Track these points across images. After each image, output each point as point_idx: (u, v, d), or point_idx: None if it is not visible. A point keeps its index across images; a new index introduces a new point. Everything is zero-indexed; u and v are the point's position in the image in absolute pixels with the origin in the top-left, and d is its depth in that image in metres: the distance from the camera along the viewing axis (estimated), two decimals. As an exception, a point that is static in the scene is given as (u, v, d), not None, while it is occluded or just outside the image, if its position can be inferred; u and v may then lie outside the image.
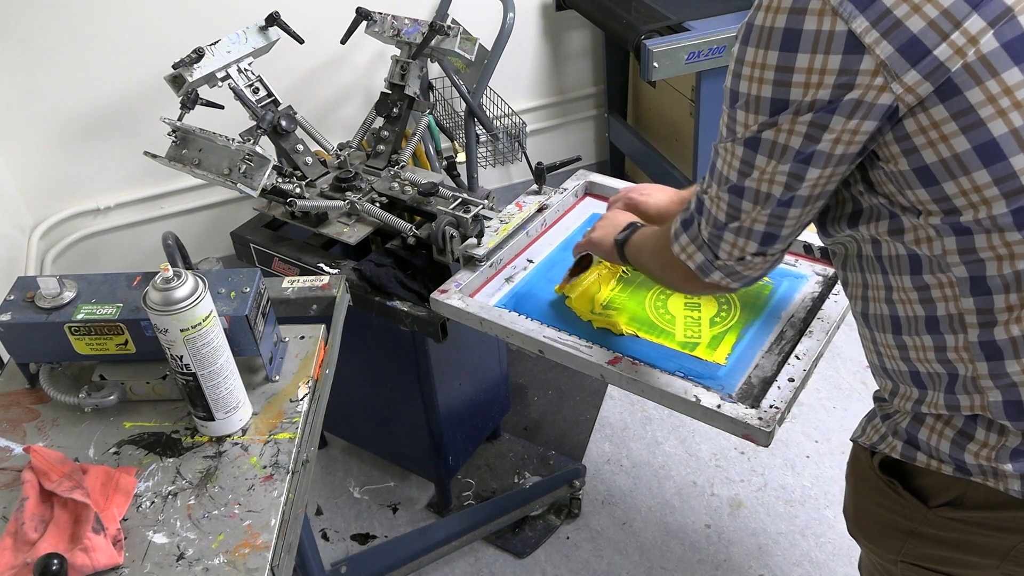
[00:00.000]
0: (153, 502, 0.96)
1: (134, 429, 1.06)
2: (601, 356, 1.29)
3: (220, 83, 1.75)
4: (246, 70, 1.77)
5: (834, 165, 0.82)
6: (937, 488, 0.91)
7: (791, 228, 0.90)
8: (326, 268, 1.67)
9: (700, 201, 0.94)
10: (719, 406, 1.18)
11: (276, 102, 1.80)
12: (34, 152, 2.31)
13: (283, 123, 1.78)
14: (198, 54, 1.68)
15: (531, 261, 1.59)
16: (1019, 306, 0.79)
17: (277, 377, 1.11)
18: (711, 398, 1.19)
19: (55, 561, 0.83)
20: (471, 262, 1.53)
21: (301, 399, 1.08)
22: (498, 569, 1.91)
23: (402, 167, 1.84)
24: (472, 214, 1.58)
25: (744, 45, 0.81)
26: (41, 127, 2.28)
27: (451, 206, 1.62)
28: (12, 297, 1.06)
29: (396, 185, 1.78)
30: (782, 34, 0.77)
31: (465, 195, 1.66)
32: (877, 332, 0.93)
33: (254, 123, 1.76)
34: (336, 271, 1.66)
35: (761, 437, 1.15)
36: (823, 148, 0.81)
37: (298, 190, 1.72)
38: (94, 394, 1.07)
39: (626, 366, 1.27)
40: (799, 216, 0.88)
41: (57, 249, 2.43)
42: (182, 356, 0.95)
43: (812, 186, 0.84)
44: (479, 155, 2.56)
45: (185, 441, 1.04)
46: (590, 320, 1.40)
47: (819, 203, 0.88)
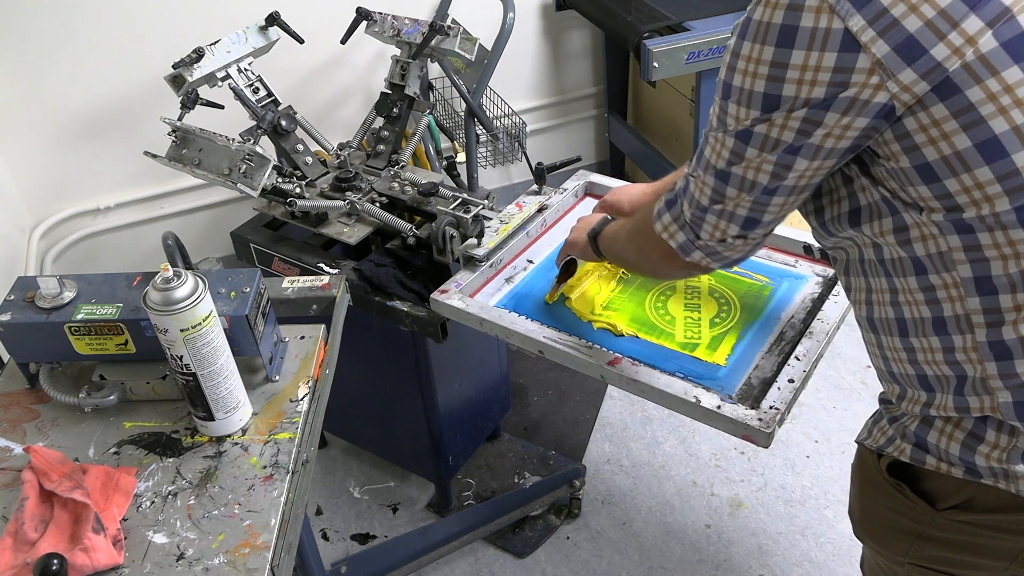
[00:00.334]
0: (153, 502, 0.96)
1: (134, 429, 1.06)
2: (601, 357, 1.29)
3: (220, 83, 1.75)
4: (246, 70, 1.77)
5: (822, 158, 0.83)
6: (946, 491, 0.90)
7: (773, 215, 0.91)
8: (326, 268, 1.67)
9: (686, 183, 0.95)
10: (719, 407, 1.18)
11: (276, 102, 1.80)
12: (34, 152, 2.31)
13: (283, 123, 1.78)
14: (198, 54, 1.68)
15: (531, 261, 1.59)
16: None
17: (277, 377, 1.11)
18: (711, 399, 1.19)
19: (55, 561, 0.82)
20: (471, 262, 1.53)
21: (301, 399, 1.08)
22: (498, 569, 1.91)
23: (402, 167, 1.84)
24: (472, 214, 1.58)
25: (741, 39, 0.81)
26: (41, 127, 2.28)
27: (451, 206, 1.62)
28: (12, 297, 1.06)
29: (396, 185, 1.78)
30: (779, 30, 0.77)
31: (465, 195, 1.66)
32: (884, 336, 0.93)
33: (254, 123, 1.76)
34: (336, 271, 1.66)
35: (761, 438, 1.15)
36: (813, 142, 0.81)
37: (298, 190, 1.72)
38: (94, 394, 1.07)
39: (626, 367, 1.27)
40: (782, 204, 0.89)
41: (57, 249, 2.43)
42: (182, 356, 0.95)
43: (799, 177, 0.85)
44: (479, 155, 2.56)
45: (185, 441, 1.04)
46: (590, 321, 1.40)
47: (803, 194, 0.88)
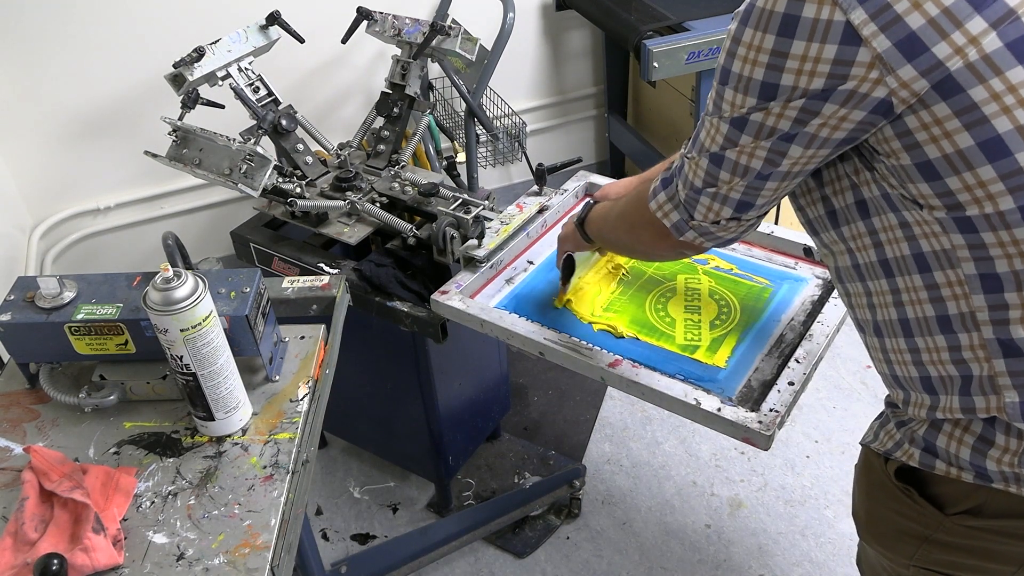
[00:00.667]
0: (153, 502, 0.96)
1: (134, 429, 1.06)
2: (601, 358, 1.29)
3: (221, 82, 1.75)
4: (246, 69, 1.77)
5: (816, 147, 0.83)
6: (956, 496, 0.89)
7: (767, 199, 0.92)
8: (326, 268, 1.67)
9: (681, 164, 0.96)
10: (719, 409, 1.18)
11: (276, 101, 1.80)
12: (34, 152, 2.31)
13: (283, 122, 1.78)
14: (199, 53, 1.68)
15: (531, 262, 1.59)
16: None
17: (277, 377, 1.11)
18: (711, 401, 1.19)
19: (55, 561, 0.83)
20: (471, 263, 1.53)
21: (301, 399, 1.08)
22: (498, 569, 1.91)
23: (402, 167, 1.84)
24: (473, 215, 1.58)
25: (742, 25, 0.82)
26: (41, 127, 2.28)
27: (452, 207, 1.62)
28: (12, 297, 1.06)
29: (396, 185, 1.78)
30: (781, 19, 0.77)
31: (466, 196, 1.66)
32: (888, 338, 0.92)
33: (255, 122, 1.76)
34: (336, 271, 1.66)
35: (761, 441, 1.15)
36: (808, 131, 0.82)
37: (298, 190, 1.72)
38: (94, 394, 1.07)
39: (626, 369, 1.27)
40: (776, 188, 0.90)
41: (57, 249, 2.43)
42: (182, 356, 0.95)
43: (792, 164, 0.86)
44: (479, 155, 2.56)
45: (185, 441, 1.04)
46: (591, 322, 1.40)
47: (797, 179, 0.89)
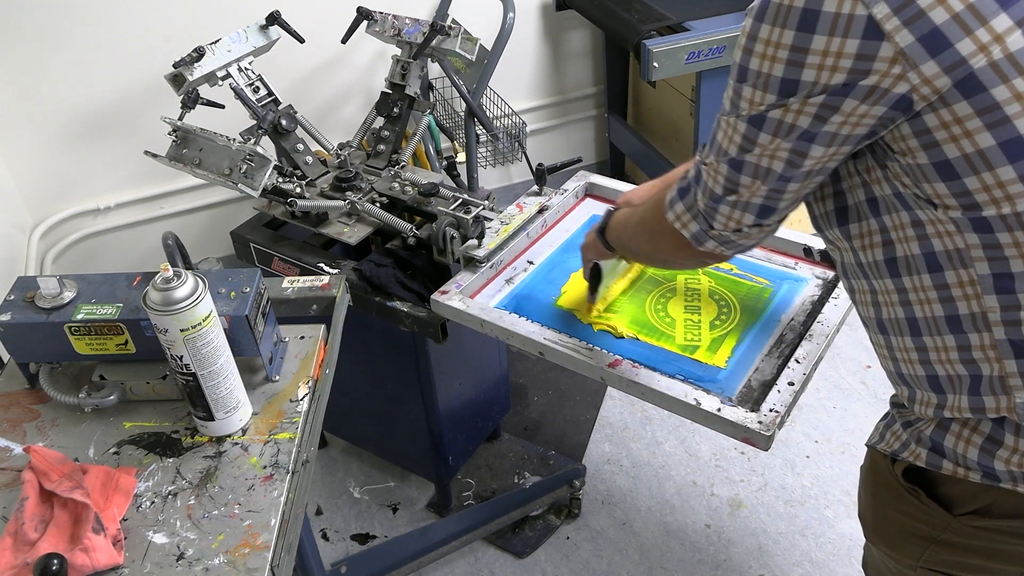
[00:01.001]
0: (153, 502, 0.96)
1: (134, 429, 1.06)
2: (601, 359, 1.29)
3: (220, 82, 1.75)
4: (246, 69, 1.77)
5: (839, 144, 0.81)
6: (963, 496, 0.89)
7: (789, 201, 0.90)
8: (326, 268, 1.67)
9: (698, 171, 0.93)
10: (719, 409, 1.18)
11: (276, 101, 1.80)
12: (34, 152, 2.31)
13: (283, 122, 1.78)
14: (198, 53, 1.68)
15: (531, 263, 1.59)
16: None
17: (277, 377, 1.11)
18: (711, 401, 1.19)
19: (55, 561, 0.83)
20: (471, 263, 1.53)
21: (301, 399, 1.08)
22: (498, 569, 1.91)
23: (402, 167, 1.84)
24: (473, 215, 1.58)
25: (759, 21, 0.79)
26: (41, 127, 2.28)
27: (452, 207, 1.62)
28: (12, 297, 1.06)
29: (396, 185, 1.78)
30: (800, 13, 0.76)
31: (466, 196, 1.66)
32: (894, 336, 0.91)
33: (255, 122, 1.76)
34: (336, 271, 1.66)
35: (761, 441, 1.15)
36: (829, 129, 0.80)
37: (298, 190, 1.72)
38: (94, 394, 1.07)
39: (626, 369, 1.27)
40: (797, 189, 0.88)
41: (57, 249, 2.43)
42: (182, 356, 0.95)
43: (814, 163, 0.84)
44: (479, 155, 2.56)
45: (185, 441, 1.04)
46: (590, 323, 1.40)
47: (818, 178, 0.87)
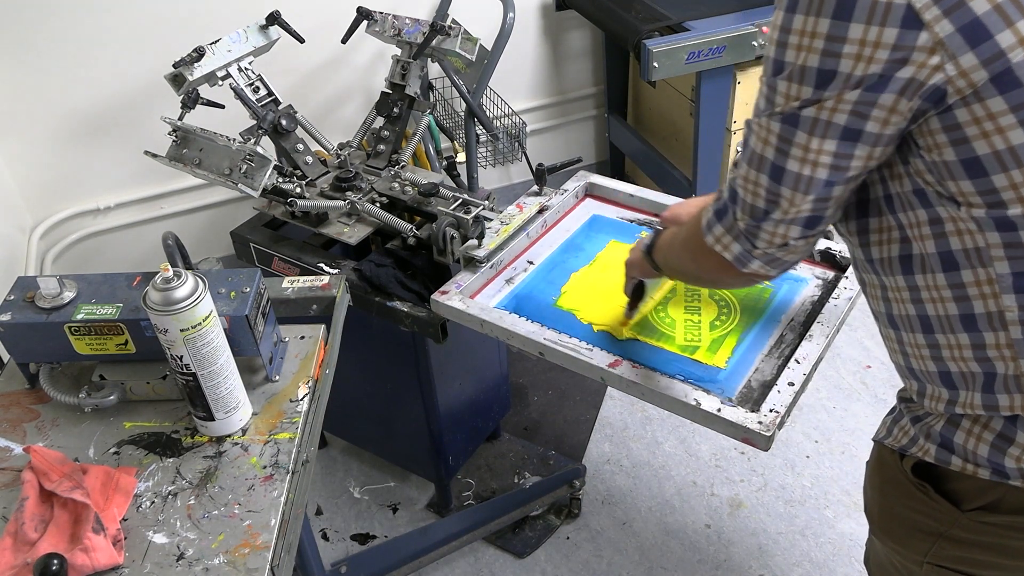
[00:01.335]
0: (153, 502, 0.96)
1: (134, 429, 1.06)
2: (601, 359, 1.29)
3: (220, 82, 1.75)
4: (246, 69, 1.77)
5: (883, 144, 0.79)
6: (972, 492, 0.89)
7: (835, 207, 0.85)
8: (326, 268, 1.67)
9: (733, 189, 0.89)
10: (719, 410, 1.18)
11: (276, 101, 1.80)
12: (34, 152, 2.31)
13: (283, 122, 1.78)
14: (199, 53, 1.68)
15: (531, 263, 1.59)
16: None
17: (277, 377, 1.11)
18: (711, 402, 1.19)
19: (55, 561, 0.83)
20: (471, 263, 1.53)
21: (301, 399, 1.08)
22: (498, 569, 1.91)
23: (402, 167, 1.84)
24: (473, 215, 1.58)
25: (791, 13, 0.77)
26: (41, 127, 2.28)
27: (452, 207, 1.62)
28: (12, 297, 1.06)
29: (396, 185, 1.78)
30: (836, 2, 0.73)
31: (466, 196, 1.66)
32: (905, 332, 0.90)
33: (255, 122, 1.76)
34: (336, 271, 1.66)
35: (761, 441, 1.15)
36: (871, 128, 0.77)
37: (298, 190, 1.72)
38: (94, 394, 1.07)
39: (626, 369, 1.27)
40: (842, 193, 0.84)
41: (57, 249, 2.43)
42: (182, 356, 0.95)
43: (860, 164, 0.80)
44: (479, 155, 2.56)
45: (185, 441, 1.04)
46: (591, 323, 1.40)
47: (859, 180, 0.84)
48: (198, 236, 2.60)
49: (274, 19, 1.78)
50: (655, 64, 2.09)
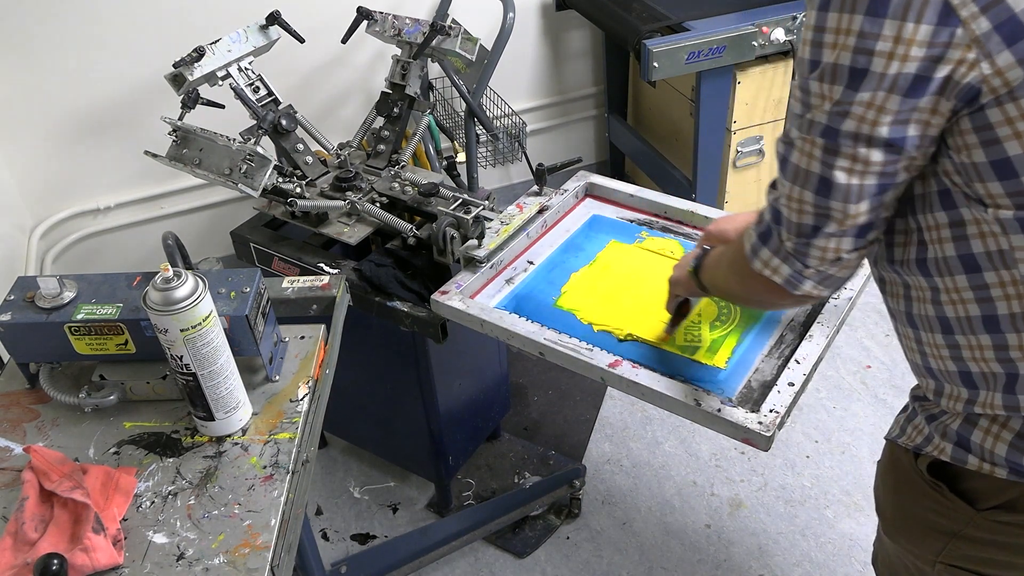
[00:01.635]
0: (153, 502, 0.96)
1: (134, 429, 1.06)
2: (601, 359, 1.29)
3: (221, 82, 1.75)
4: (246, 69, 1.77)
5: (927, 146, 0.77)
6: (988, 491, 0.88)
7: (887, 211, 0.83)
8: (326, 268, 1.67)
9: (776, 210, 0.86)
10: (719, 410, 1.18)
11: (276, 101, 1.80)
12: (34, 152, 2.31)
13: (283, 122, 1.78)
14: (199, 53, 1.68)
15: (531, 263, 1.59)
16: None
17: (277, 377, 1.11)
18: (711, 402, 1.19)
19: (55, 561, 0.82)
20: (472, 263, 1.53)
21: (301, 399, 1.08)
22: (498, 569, 1.91)
23: (402, 167, 1.84)
24: (473, 215, 1.58)
25: (824, 11, 0.75)
26: (41, 127, 2.28)
27: (452, 207, 1.62)
28: (12, 297, 1.06)
29: (396, 185, 1.78)
30: None
31: (466, 196, 1.66)
32: (924, 332, 0.89)
33: (255, 122, 1.76)
34: (336, 271, 1.66)
35: (761, 441, 1.15)
36: (914, 132, 0.75)
37: (298, 190, 1.72)
38: (94, 394, 1.07)
39: (626, 369, 1.27)
40: (893, 198, 0.82)
41: (57, 249, 2.43)
42: (182, 356, 0.95)
43: (907, 166, 0.78)
44: (479, 155, 2.56)
45: (185, 441, 1.04)
46: (591, 323, 1.40)
47: (908, 181, 0.81)
48: (198, 236, 2.60)
49: (274, 19, 1.78)
50: (655, 64, 2.09)
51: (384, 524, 2.03)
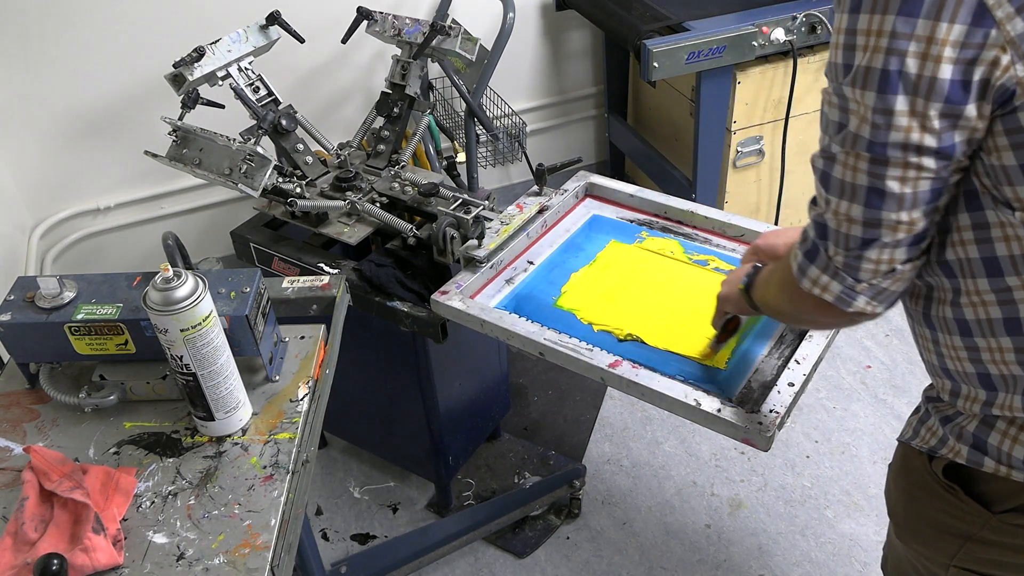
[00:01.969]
0: (153, 502, 0.96)
1: (134, 429, 1.06)
2: (601, 359, 1.29)
3: (221, 82, 1.75)
4: (246, 69, 1.77)
5: (974, 147, 0.76)
6: (1004, 494, 0.87)
7: (939, 215, 0.81)
8: (326, 268, 1.67)
9: (822, 225, 0.83)
10: (719, 410, 1.18)
11: (277, 101, 1.80)
12: (34, 152, 2.31)
13: (283, 122, 1.78)
14: (199, 53, 1.68)
15: (531, 263, 1.59)
16: None
17: (277, 377, 1.11)
18: (711, 402, 1.19)
19: (55, 561, 0.83)
20: (472, 263, 1.53)
21: (301, 399, 1.08)
22: (498, 569, 1.91)
23: (402, 167, 1.84)
24: (473, 215, 1.58)
25: (855, 13, 0.73)
26: (41, 127, 2.28)
27: (452, 207, 1.62)
28: (12, 297, 1.06)
29: (396, 185, 1.78)
30: None
31: (466, 196, 1.66)
32: (941, 333, 0.88)
33: (255, 122, 1.76)
34: (336, 271, 1.66)
35: (761, 442, 1.15)
36: (961, 138, 0.73)
37: (298, 190, 1.72)
38: (94, 394, 1.07)
39: (626, 369, 1.27)
40: (946, 199, 0.80)
41: (57, 249, 2.43)
42: (182, 356, 0.95)
43: (955, 170, 0.77)
44: (479, 155, 2.56)
45: (185, 441, 1.04)
46: (591, 323, 1.40)
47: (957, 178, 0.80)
48: (198, 236, 2.60)
49: (274, 19, 1.78)
50: (655, 64, 2.09)
51: (384, 524, 2.03)
